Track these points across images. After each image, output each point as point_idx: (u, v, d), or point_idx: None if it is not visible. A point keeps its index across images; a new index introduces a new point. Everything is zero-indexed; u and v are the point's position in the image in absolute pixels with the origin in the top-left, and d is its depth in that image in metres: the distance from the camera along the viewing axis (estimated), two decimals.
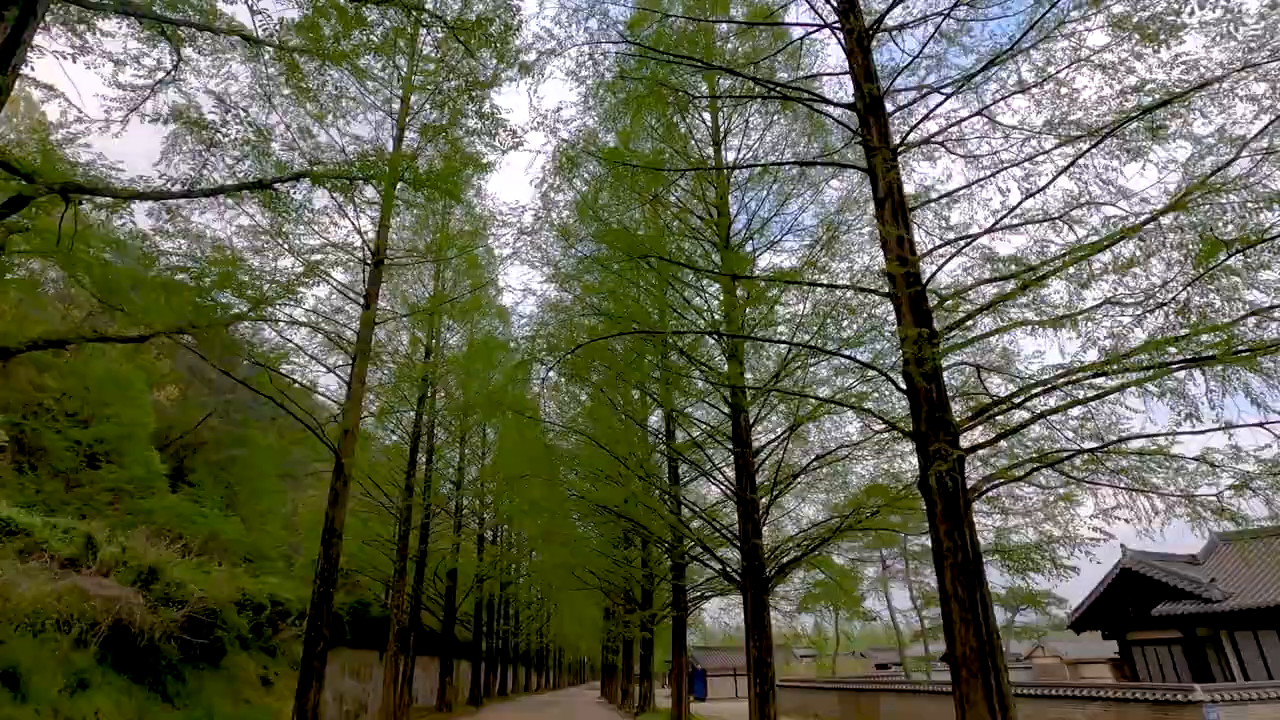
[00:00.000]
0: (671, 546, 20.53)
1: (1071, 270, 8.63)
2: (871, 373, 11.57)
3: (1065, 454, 7.92)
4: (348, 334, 11.54)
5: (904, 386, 7.85)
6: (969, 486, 7.35)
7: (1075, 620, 25.98)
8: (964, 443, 7.70)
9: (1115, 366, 6.27)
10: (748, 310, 15.02)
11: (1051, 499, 10.35)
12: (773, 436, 16.03)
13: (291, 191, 7.13)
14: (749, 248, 16.49)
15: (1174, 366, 6.20)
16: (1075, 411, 8.60)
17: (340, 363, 11.21)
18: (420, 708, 28.36)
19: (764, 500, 14.94)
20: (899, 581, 39.10)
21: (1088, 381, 7.93)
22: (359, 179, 7.64)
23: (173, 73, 6.69)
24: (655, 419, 22.02)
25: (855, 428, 16.35)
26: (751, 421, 15.33)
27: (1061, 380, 7.08)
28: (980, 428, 8.08)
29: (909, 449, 14.69)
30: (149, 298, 6.98)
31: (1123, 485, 8.30)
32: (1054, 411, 7.41)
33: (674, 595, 22.65)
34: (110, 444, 24.45)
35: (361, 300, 11.08)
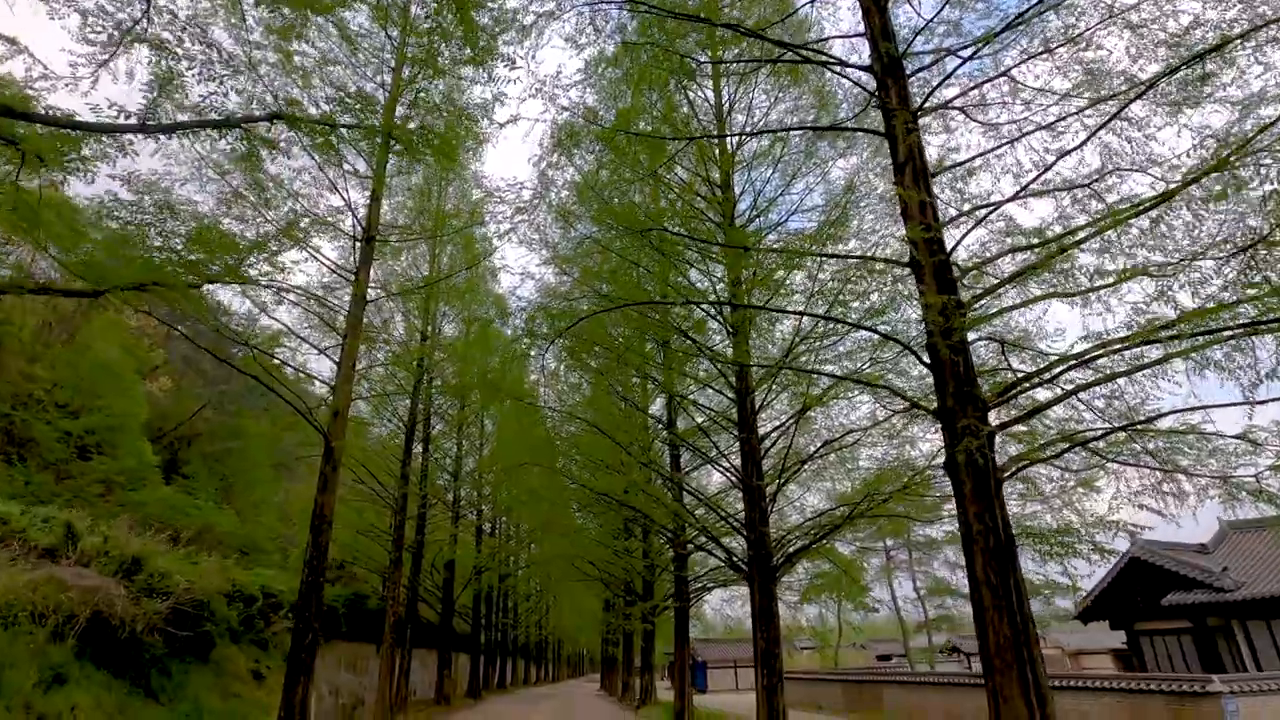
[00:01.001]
0: (674, 535, 20.10)
1: (1111, 234, 8.16)
2: (887, 351, 11.10)
3: (1098, 433, 7.45)
4: (339, 318, 11.04)
5: (927, 360, 7.37)
6: (998, 466, 6.89)
7: (1083, 610, 25.62)
8: (991, 420, 7.25)
9: (1169, 331, 5.77)
10: (754, 291, 14.53)
11: (1070, 484, 9.91)
12: (780, 422, 15.57)
13: (268, 153, 6.61)
14: (754, 228, 15.99)
15: (1231, 333, 5.71)
16: (1103, 390, 8.15)
17: (332, 344, 10.72)
18: (418, 700, 27.99)
19: (771, 487, 14.48)
20: (903, 572, 38.83)
21: (1125, 355, 7.50)
22: (344, 126, 7.09)
23: (142, 22, 6.15)
24: (657, 407, 21.56)
25: (866, 411, 15.90)
26: (758, 407, 14.86)
27: (1099, 352, 6.60)
28: (1002, 407, 7.62)
29: (923, 433, 14.23)
30: (107, 251, 6.45)
31: (1154, 466, 7.85)
32: (1088, 386, 6.94)
33: (676, 586, 22.23)
34: (101, 435, 24.01)
35: (352, 277, 10.58)
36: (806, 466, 15.32)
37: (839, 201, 11.07)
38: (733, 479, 15.48)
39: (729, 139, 16.50)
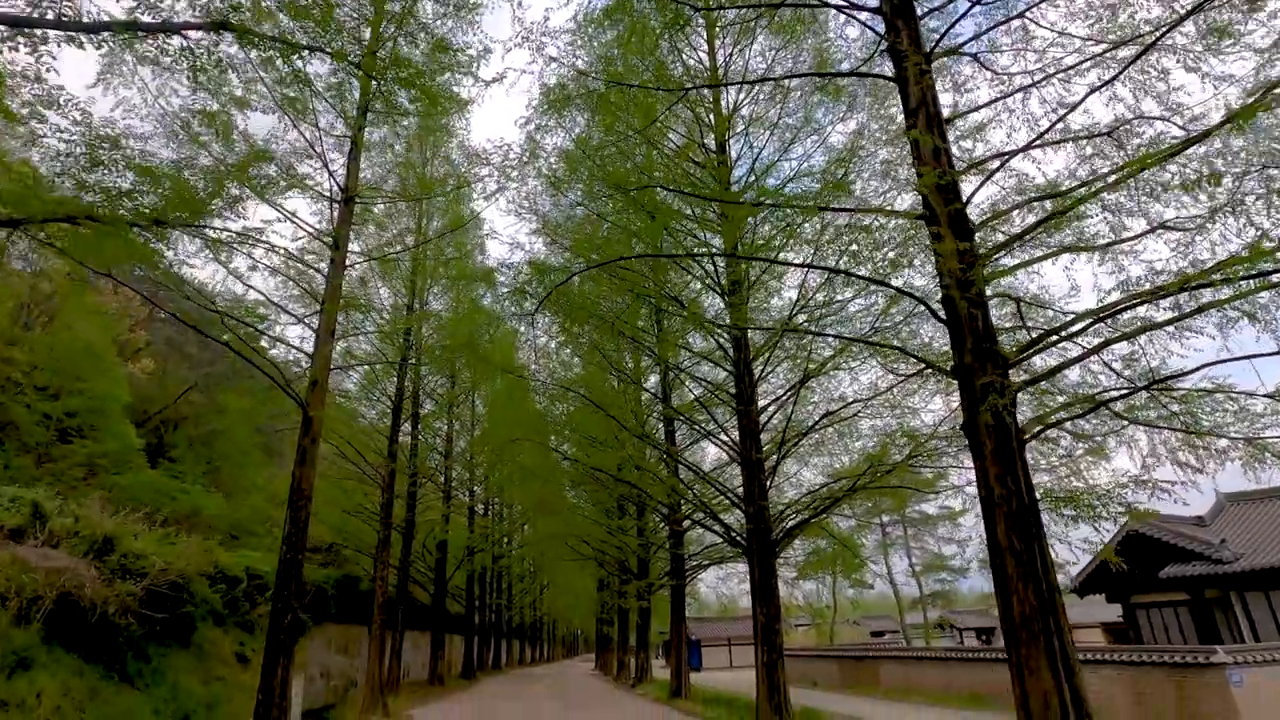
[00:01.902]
0: (670, 512, 19.76)
1: (1131, 186, 7.70)
2: (896, 313, 10.66)
3: (1120, 393, 7.03)
4: (319, 284, 10.44)
5: (943, 316, 6.91)
6: (1020, 427, 6.47)
7: (1080, 584, 25.51)
8: (1012, 380, 6.81)
9: (1219, 273, 5.32)
10: (749, 270, 14.04)
11: (1079, 452, 9.54)
12: (778, 395, 15.18)
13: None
14: (750, 197, 15.47)
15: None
16: (1122, 350, 7.75)
17: (312, 313, 10.16)
18: (412, 682, 27.72)
19: (770, 461, 14.09)
20: (898, 548, 38.79)
21: (1147, 313, 7.08)
22: (307, 48, 6.44)
23: None
24: (652, 383, 21.14)
25: (868, 381, 15.51)
26: (756, 378, 14.43)
27: (1133, 302, 6.15)
28: (1022, 365, 7.19)
29: (924, 404, 13.84)
30: (34, 181, 5.84)
31: (1176, 428, 7.46)
32: (1114, 341, 6.49)
33: (673, 563, 21.95)
34: (83, 418, 23.42)
35: (330, 240, 10.01)
36: (806, 440, 14.94)
37: (842, 157, 10.52)
38: (731, 453, 15.09)
39: (725, 100, 15.92)
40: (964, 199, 7.19)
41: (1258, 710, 13.99)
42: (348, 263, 10.69)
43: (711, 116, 15.85)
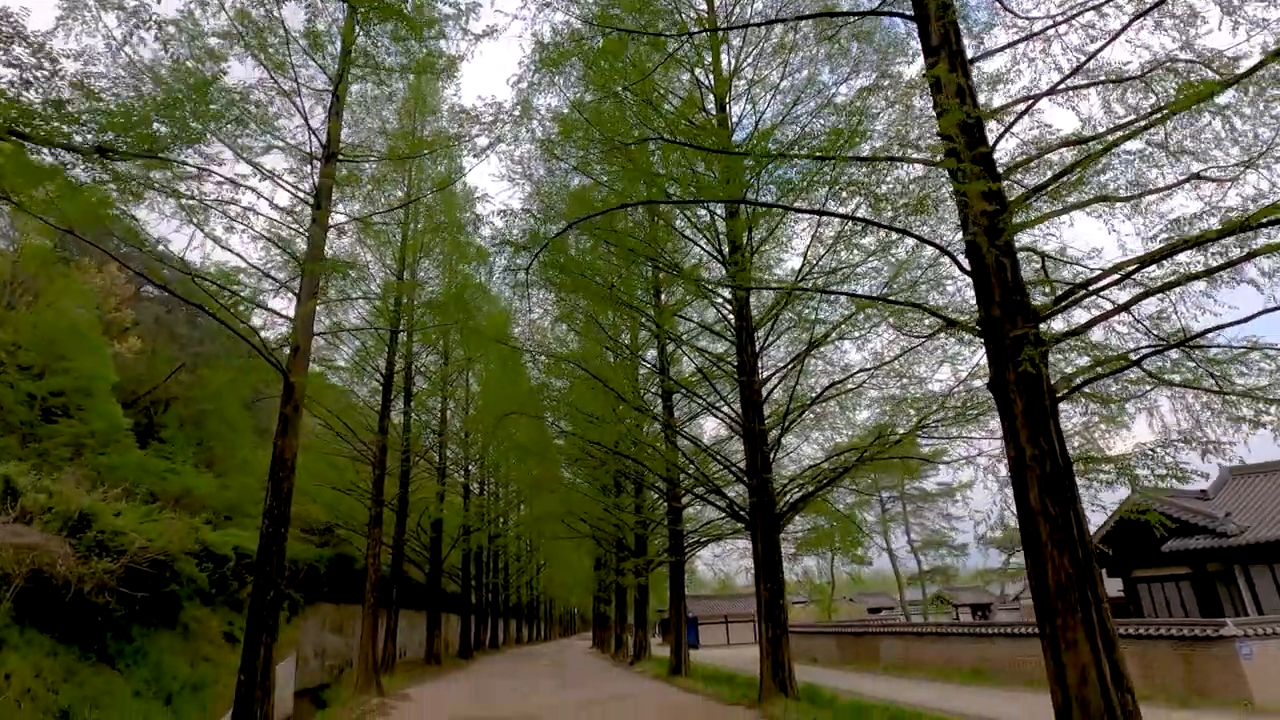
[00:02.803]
0: (670, 487, 19.39)
1: (1163, 136, 7.22)
2: (910, 273, 10.18)
3: (1151, 350, 6.58)
4: (302, 247, 9.87)
5: (968, 267, 6.44)
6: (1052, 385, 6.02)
7: None
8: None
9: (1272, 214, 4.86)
10: (758, 223, 13.52)
11: (1095, 419, 9.13)
12: (781, 365, 14.74)
13: None
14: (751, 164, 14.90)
15: None
16: (1149, 310, 7.31)
17: (295, 276, 9.61)
18: (408, 661, 27.52)
19: (773, 433, 13.68)
20: (897, 525, 38.68)
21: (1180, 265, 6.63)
22: None
23: None
24: (650, 357, 20.68)
25: (876, 347, 15.05)
26: (759, 349, 13.98)
27: (1173, 250, 5.68)
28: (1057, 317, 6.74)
29: (930, 373, 13.43)
30: None
31: (1209, 389, 7.03)
32: (1153, 292, 6.02)
33: (672, 540, 21.63)
34: (69, 397, 22.91)
35: (311, 200, 9.44)
36: (808, 413, 14.54)
37: (853, 109, 9.96)
38: (733, 425, 14.68)
39: (725, 61, 15.33)
40: (992, 143, 6.69)
41: (1267, 683, 13.78)
42: (332, 224, 10.14)
43: (711, 78, 15.27)
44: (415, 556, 27.45)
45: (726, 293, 14.43)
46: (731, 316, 14.02)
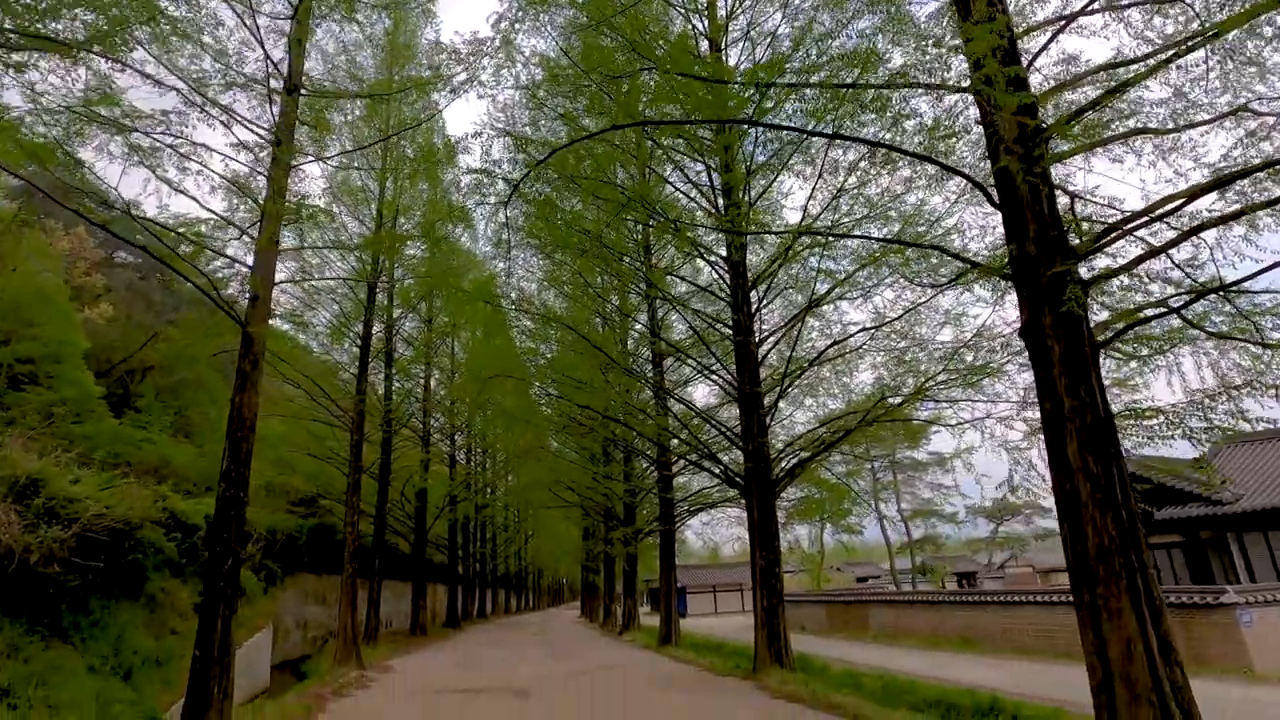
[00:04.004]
0: (660, 453, 18.86)
1: (1206, 64, 6.56)
2: (926, 216, 9.53)
3: (1194, 293, 5.99)
4: (262, 190, 9.03)
5: (997, 200, 5.80)
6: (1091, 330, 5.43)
7: None
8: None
9: None
10: (754, 178, 12.80)
11: (1120, 374, 8.57)
12: (778, 327, 14.14)
13: None
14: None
15: None
16: (1182, 256, 6.73)
17: (254, 221, 8.81)
18: (393, 632, 27.14)
19: (770, 396, 13.11)
20: (887, 493, 38.58)
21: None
22: None
23: None
24: (642, 321, 19.99)
25: (880, 303, 14.42)
26: (755, 308, 13.34)
27: (1238, 175, 5.06)
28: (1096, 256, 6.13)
29: (933, 334, 12.83)
30: None
31: (1248, 339, 6.47)
32: (1203, 228, 5.41)
33: (661, 508, 21.18)
34: (38, 365, 22.02)
35: (271, 136, 8.61)
36: (805, 378, 13.97)
37: (862, 47, 9.19)
38: (728, 388, 14.08)
39: (721, 5, 14.46)
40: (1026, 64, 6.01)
41: (1267, 650, 13.57)
42: (296, 163, 9.30)
43: (705, 23, 14.42)
44: (400, 526, 26.92)
45: (722, 251, 13.75)
46: (727, 275, 13.35)
